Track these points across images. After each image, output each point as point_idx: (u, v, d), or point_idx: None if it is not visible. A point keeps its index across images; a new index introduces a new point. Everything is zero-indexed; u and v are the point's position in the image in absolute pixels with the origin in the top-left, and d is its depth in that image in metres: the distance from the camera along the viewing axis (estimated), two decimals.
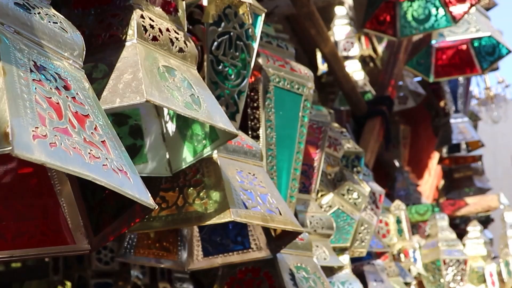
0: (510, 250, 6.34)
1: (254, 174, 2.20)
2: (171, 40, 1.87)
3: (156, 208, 1.33)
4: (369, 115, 6.38)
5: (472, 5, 4.33)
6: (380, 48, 7.27)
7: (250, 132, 2.55)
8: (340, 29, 6.64)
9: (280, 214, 2.14)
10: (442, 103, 8.21)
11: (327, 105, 7.40)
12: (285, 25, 6.89)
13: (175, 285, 5.00)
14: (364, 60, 6.99)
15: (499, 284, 6.39)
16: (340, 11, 6.69)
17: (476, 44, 5.57)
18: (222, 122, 1.83)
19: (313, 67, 7.10)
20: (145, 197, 1.28)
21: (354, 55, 6.65)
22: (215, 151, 2.10)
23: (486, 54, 5.56)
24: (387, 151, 7.52)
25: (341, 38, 6.64)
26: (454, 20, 4.45)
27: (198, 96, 1.80)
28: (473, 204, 7.19)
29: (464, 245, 6.31)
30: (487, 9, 6.44)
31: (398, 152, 8.93)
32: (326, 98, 7.74)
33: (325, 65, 6.46)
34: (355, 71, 6.66)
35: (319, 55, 6.52)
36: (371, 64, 7.10)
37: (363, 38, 6.88)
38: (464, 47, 5.63)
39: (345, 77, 6.07)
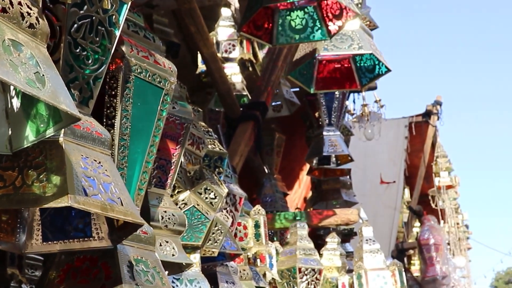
0: (364, 264, 6.52)
1: (100, 162, 2.16)
2: (22, 14, 1.81)
3: None
4: (242, 119, 6.45)
5: (343, 23, 4.43)
6: (261, 54, 7.36)
7: (105, 120, 2.50)
8: (223, 30, 6.68)
9: (122, 204, 2.11)
10: (317, 115, 8.39)
11: (205, 104, 7.41)
12: (172, 20, 6.83)
13: (26, 272, 4.83)
14: (243, 64, 7.05)
15: None
16: (225, 12, 6.73)
17: (357, 60, 5.68)
18: (66, 104, 1.78)
19: (196, 64, 7.09)
20: None
21: (234, 57, 6.70)
22: (62, 135, 2.05)
23: (366, 71, 5.68)
24: (257, 156, 7.61)
25: (223, 39, 6.68)
26: (329, 34, 4.54)
27: (43, 75, 1.75)
28: (334, 216, 7.38)
29: (321, 255, 6.45)
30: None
31: (271, 160, 9.05)
32: (206, 97, 7.75)
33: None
34: (233, 73, 6.71)
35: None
36: (250, 69, 7.17)
37: (245, 42, 6.94)
38: (345, 62, 5.74)
39: (222, 78, 6.10)
